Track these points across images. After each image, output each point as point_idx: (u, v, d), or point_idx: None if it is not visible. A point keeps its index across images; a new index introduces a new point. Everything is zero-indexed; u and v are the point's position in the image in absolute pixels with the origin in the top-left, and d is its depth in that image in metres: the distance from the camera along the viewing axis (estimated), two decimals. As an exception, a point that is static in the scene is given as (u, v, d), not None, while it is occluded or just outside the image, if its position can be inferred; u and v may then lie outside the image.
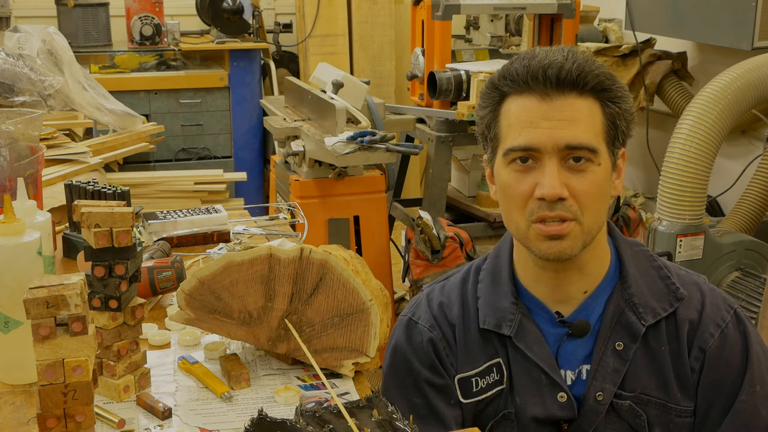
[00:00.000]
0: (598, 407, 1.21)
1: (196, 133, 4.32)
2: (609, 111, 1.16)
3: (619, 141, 1.19)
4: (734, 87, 2.67)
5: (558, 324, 1.24)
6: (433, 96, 3.22)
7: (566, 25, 3.42)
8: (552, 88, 1.14)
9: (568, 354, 1.24)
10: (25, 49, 2.92)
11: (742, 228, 3.05)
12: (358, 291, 1.22)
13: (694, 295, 1.24)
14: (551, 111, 1.14)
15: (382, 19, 4.69)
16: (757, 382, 1.21)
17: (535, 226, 1.16)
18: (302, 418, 1.07)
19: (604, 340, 1.22)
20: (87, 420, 0.98)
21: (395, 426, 1.08)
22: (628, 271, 1.24)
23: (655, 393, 1.21)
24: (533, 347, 1.23)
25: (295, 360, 1.30)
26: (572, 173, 1.14)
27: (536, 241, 1.17)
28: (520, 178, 1.16)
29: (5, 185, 1.69)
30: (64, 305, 0.95)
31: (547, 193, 1.13)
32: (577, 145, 1.13)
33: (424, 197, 3.37)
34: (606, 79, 1.16)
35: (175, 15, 4.60)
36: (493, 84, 1.20)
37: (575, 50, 1.18)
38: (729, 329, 1.22)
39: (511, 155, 1.16)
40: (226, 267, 1.22)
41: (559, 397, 1.22)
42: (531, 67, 1.15)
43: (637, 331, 1.21)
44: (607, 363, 1.21)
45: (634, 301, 1.22)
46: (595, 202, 1.15)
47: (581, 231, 1.16)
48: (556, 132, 1.13)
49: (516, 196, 1.17)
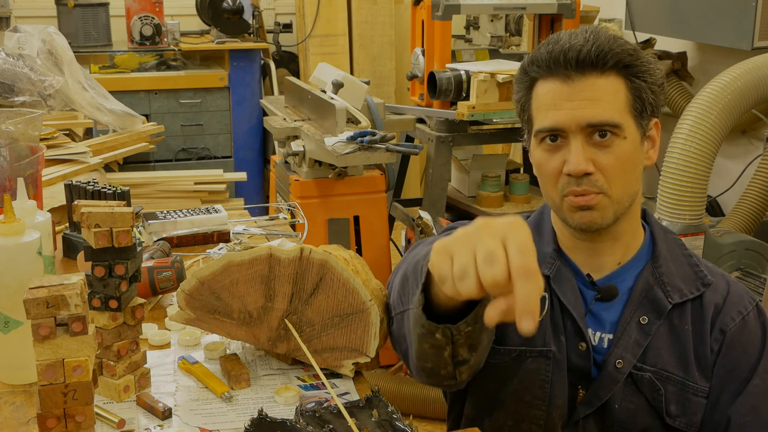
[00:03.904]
0: (617, 375, 1.24)
1: (196, 133, 4.32)
2: (634, 86, 1.21)
3: (647, 112, 1.23)
4: (734, 87, 2.67)
5: (589, 285, 1.28)
6: (433, 96, 3.22)
7: (566, 26, 3.42)
8: (573, 70, 1.19)
9: (595, 317, 1.28)
10: (25, 49, 2.92)
11: (742, 228, 3.05)
12: (358, 291, 1.22)
13: (720, 284, 1.29)
14: (573, 92, 1.19)
15: (382, 19, 4.69)
16: None
17: (567, 198, 1.22)
18: (302, 418, 1.07)
19: (631, 313, 1.26)
20: (87, 420, 0.98)
21: (395, 426, 1.08)
22: (660, 252, 1.29)
23: (674, 370, 1.24)
24: (567, 293, 1.27)
25: (295, 360, 1.30)
26: (598, 149, 1.19)
27: (569, 212, 1.22)
28: (550, 157, 1.22)
29: (5, 185, 1.69)
30: (64, 305, 0.95)
31: (573, 169, 1.19)
32: (598, 123, 1.18)
33: (424, 197, 3.37)
34: (627, 56, 1.20)
35: (175, 15, 4.60)
36: (523, 69, 1.26)
37: (599, 30, 1.22)
38: (750, 317, 1.26)
39: (540, 135, 1.23)
40: (226, 267, 1.22)
41: (580, 346, 1.26)
42: (554, 51, 1.20)
43: (663, 307, 1.25)
44: (630, 334, 1.25)
45: (664, 280, 1.26)
46: (621, 174, 1.20)
47: (610, 202, 1.21)
48: (578, 112, 1.19)
49: (548, 172, 1.23)
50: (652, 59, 1.24)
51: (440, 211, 3.27)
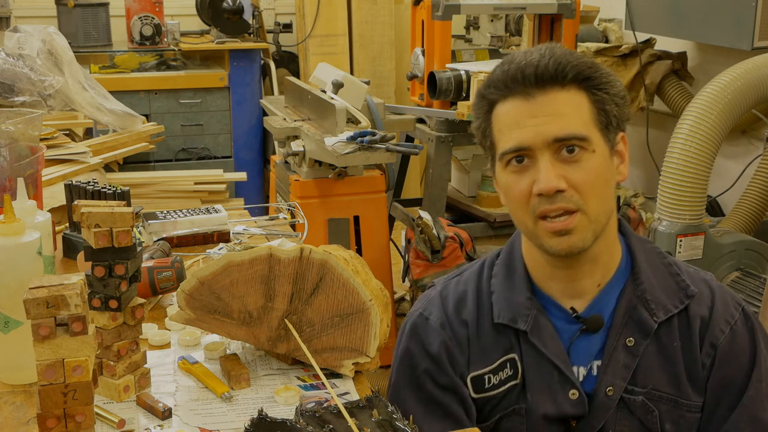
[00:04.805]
0: (608, 402, 1.22)
1: (196, 133, 4.32)
2: (596, 98, 1.17)
3: (613, 125, 1.19)
4: (734, 87, 2.67)
5: (573, 320, 1.24)
6: (433, 96, 3.22)
7: (566, 25, 3.42)
8: (532, 86, 1.15)
9: (581, 350, 1.24)
10: (25, 49, 2.92)
11: (742, 228, 3.05)
12: (358, 291, 1.22)
13: (704, 292, 1.25)
14: (535, 109, 1.15)
15: (382, 19, 4.68)
16: (763, 377, 1.23)
17: (542, 223, 1.16)
18: (302, 418, 1.07)
19: (616, 336, 1.22)
20: (87, 420, 0.98)
21: (395, 426, 1.08)
22: (639, 266, 1.25)
23: (666, 389, 1.22)
24: (548, 343, 1.23)
25: (295, 360, 1.30)
26: (567, 164, 1.14)
27: (546, 238, 1.17)
28: (518, 179, 1.17)
29: (5, 185, 1.69)
30: (64, 305, 0.95)
31: (544, 187, 1.13)
32: (564, 137, 1.14)
33: (424, 197, 3.37)
34: (586, 68, 1.17)
35: (175, 15, 4.60)
36: (480, 94, 1.22)
37: (553, 46, 1.19)
38: (738, 326, 1.24)
39: (505, 158, 1.18)
40: (226, 267, 1.22)
41: (571, 395, 1.22)
42: (510, 70, 1.17)
43: (649, 327, 1.22)
44: (618, 358, 1.22)
45: (647, 297, 1.23)
46: (595, 189, 1.15)
47: (588, 221, 1.16)
48: (543, 128, 1.14)
49: (517, 196, 1.18)
50: (611, 72, 1.21)
51: (440, 211, 3.27)
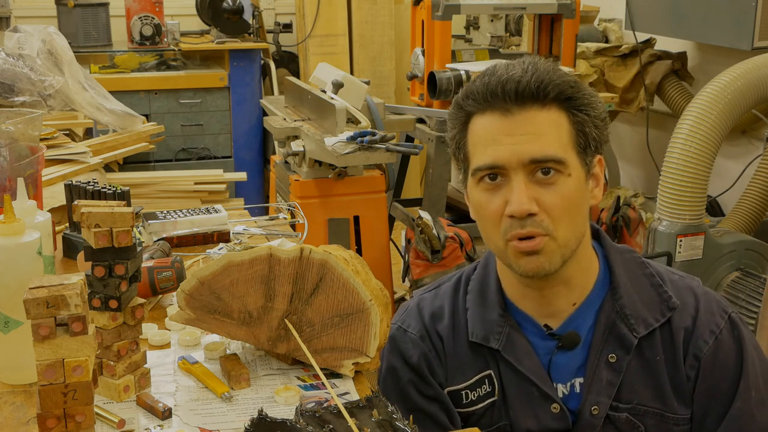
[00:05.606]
0: (594, 421, 1.20)
1: (196, 133, 4.32)
2: (576, 119, 1.14)
3: (591, 148, 1.16)
4: (734, 87, 2.67)
5: (547, 337, 1.22)
6: (433, 96, 3.22)
7: (566, 25, 3.42)
8: (512, 103, 1.12)
9: (560, 367, 1.22)
10: (25, 49, 2.92)
11: (742, 228, 3.05)
12: (358, 291, 1.22)
13: (689, 301, 1.22)
14: (513, 126, 1.12)
15: (382, 19, 4.69)
16: (752, 387, 1.20)
17: (512, 243, 1.14)
18: (302, 418, 1.07)
19: (597, 353, 1.20)
20: (87, 420, 0.98)
21: (395, 426, 1.07)
22: (618, 280, 1.22)
23: (651, 403, 1.20)
24: (523, 360, 1.21)
25: (295, 360, 1.30)
26: (542, 186, 1.12)
27: (514, 258, 1.15)
28: (490, 197, 1.15)
29: (5, 185, 1.69)
30: (64, 305, 0.95)
31: (515, 210, 1.11)
32: (541, 159, 1.11)
33: (424, 197, 3.37)
34: (569, 87, 1.13)
35: (175, 15, 4.60)
36: (457, 104, 1.19)
37: (537, 61, 1.15)
38: (723, 335, 1.20)
39: (478, 174, 1.15)
40: (226, 267, 1.22)
41: (552, 409, 1.21)
42: (490, 84, 1.13)
43: (629, 343, 1.19)
44: (601, 376, 1.20)
45: (626, 312, 1.20)
46: (566, 215, 1.13)
47: (557, 246, 1.13)
48: (520, 147, 1.11)
49: (489, 215, 1.15)
50: (594, 92, 1.17)
51: (440, 211, 3.27)
